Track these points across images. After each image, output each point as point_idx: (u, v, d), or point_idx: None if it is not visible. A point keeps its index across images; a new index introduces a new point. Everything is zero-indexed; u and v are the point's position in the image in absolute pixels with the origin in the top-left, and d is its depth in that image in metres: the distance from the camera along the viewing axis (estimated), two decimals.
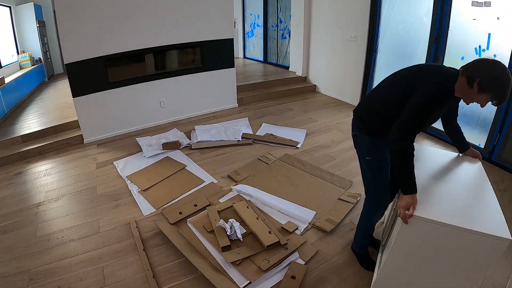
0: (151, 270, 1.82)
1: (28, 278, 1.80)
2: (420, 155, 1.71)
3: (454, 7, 3.05)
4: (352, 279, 1.76)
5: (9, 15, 5.64)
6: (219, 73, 4.26)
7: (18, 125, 3.78)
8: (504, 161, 2.85)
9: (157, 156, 3.16)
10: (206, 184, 2.68)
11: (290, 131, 3.70)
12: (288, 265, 1.81)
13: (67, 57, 3.22)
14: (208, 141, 3.42)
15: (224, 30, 4.07)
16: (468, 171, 1.62)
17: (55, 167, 3.10)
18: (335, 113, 4.27)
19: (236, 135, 3.55)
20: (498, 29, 2.73)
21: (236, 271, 1.77)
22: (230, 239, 1.95)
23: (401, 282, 1.43)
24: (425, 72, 1.42)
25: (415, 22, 3.53)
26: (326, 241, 2.03)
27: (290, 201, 2.40)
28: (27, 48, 5.96)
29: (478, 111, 3.04)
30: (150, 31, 3.55)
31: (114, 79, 3.57)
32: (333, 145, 2.96)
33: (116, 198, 2.54)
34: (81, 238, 2.11)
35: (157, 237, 2.09)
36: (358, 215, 2.24)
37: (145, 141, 3.46)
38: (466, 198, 1.40)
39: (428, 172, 1.56)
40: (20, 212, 2.41)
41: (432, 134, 3.52)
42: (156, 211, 2.35)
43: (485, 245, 1.17)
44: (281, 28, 6.06)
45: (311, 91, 5.25)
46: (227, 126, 3.83)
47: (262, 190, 2.53)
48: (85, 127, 3.56)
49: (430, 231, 1.23)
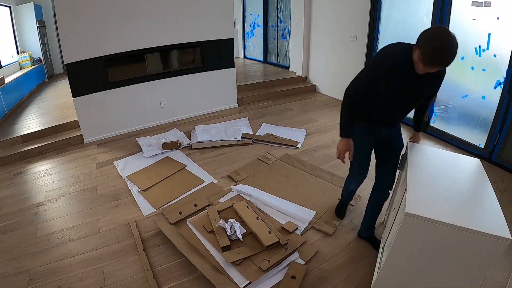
0: (151, 270, 1.82)
1: (28, 278, 1.80)
2: (420, 155, 1.71)
3: (454, 7, 3.05)
4: (352, 279, 1.76)
5: (9, 15, 5.64)
6: (219, 73, 4.26)
7: (18, 125, 3.78)
8: (504, 161, 2.85)
9: (157, 156, 3.16)
10: (206, 184, 2.68)
11: (290, 131, 3.70)
12: (288, 265, 1.81)
13: (67, 57, 3.22)
14: (208, 141, 3.42)
15: (224, 30, 4.07)
16: (468, 171, 1.62)
17: (55, 167, 3.10)
18: (335, 113, 4.27)
19: (236, 135, 3.55)
20: (498, 29, 2.73)
21: (236, 271, 1.77)
22: (230, 239, 1.95)
23: (401, 282, 1.43)
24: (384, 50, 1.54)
25: (415, 22, 3.53)
26: (326, 241, 2.03)
27: (290, 201, 2.40)
28: (27, 48, 5.96)
29: (478, 111, 3.04)
30: (150, 31, 3.56)
31: (114, 79, 3.57)
32: (333, 145, 2.96)
33: (116, 198, 2.54)
34: (81, 238, 2.11)
35: (157, 237, 2.09)
36: (358, 215, 2.25)
37: (145, 141, 3.46)
38: (466, 198, 1.40)
39: (428, 172, 1.56)
40: (20, 212, 2.41)
41: (432, 134, 3.52)
42: (156, 211, 2.36)
43: (485, 245, 1.17)
44: (281, 28, 6.06)
45: (311, 91, 5.25)
46: (227, 126, 3.83)
47: (262, 190, 2.53)
48: (85, 127, 3.56)
49: (430, 231, 1.23)
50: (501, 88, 2.78)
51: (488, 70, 2.88)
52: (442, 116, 3.42)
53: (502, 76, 2.76)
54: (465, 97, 3.13)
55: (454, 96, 3.24)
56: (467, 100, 3.12)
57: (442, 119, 3.43)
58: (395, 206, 1.67)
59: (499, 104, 2.81)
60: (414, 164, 1.58)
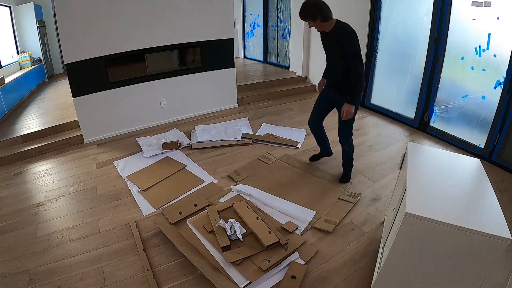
0: (151, 270, 1.82)
1: (28, 278, 1.80)
2: (420, 155, 1.71)
3: (454, 7, 3.05)
4: (352, 279, 1.76)
5: (9, 15, 5.64)
6: (219, 73, 4.25)
7: (18, 125, 3.78)
8: (504, 161, 2.85)
9: (157, 156, 3.16)
10: (206, 184, 2.68)
11: (290, 131, 3.70)
12: (288, 265, 1.81)
13: (67, 57, 3.22)
14: (208, 141, 3.42)
15: (224, 30, 4.07)
16: (468, 171, 1.62)
17: (55, 167, 3.10)
18: (335, 113, 4.25)
19: (236, 135, 3.55)
20: (498, 29, 2.73)
21: (236, 271, 1.77)
22: (230, 239, 1.95)
23: (401, 282, 1.43)
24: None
25: (415, 22, 3.53)
26: (326, 241, 2.03)
27: (290, 201, 2.40)
28: (27, 48, 5.96)
29: (478, 111, 3.04)
30: (150, 31, 3.55)
31: (114, 79, 3.57)
32: (333, 145, 2.95)
33: (116, 198, 2.54)
34: (81, 238, 2.11)
35: (157, 237, 2.09)
36: (358, 215, 2.25)
37: (145, 141, 3.46)
38: (466, 198, 1.40)
39: (428, 172, 1.56)
40: (20, 212, 2.41)
41: (432, 134, 3.52)
42: (156, 211, 2.35)
43: (485, 245, 1.17)
44: (281, 28, 6.06)
45: (311, 91, 5.25)
46: (227, 126, 3.83)
47: (262, 190, 2.53)
48: (85, 127, 3.56)
49: (430, 231, 1.23)
50: (501, 88, 2.78)
51: (488, 70, 2.88)
52: (442, 116, 3.42)
53: (502, 76, 2.76)
54: (465, 97, 3.13)
55: (454, 96, 3.25)
56: (467, 100, 3.12)
57: (442, 119, 3.43)
58: (395, 206, 1.67)
59: (499, 104, 2.81)
60: (414, 164, 1.59)
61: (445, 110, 3.38)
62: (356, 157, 3.05)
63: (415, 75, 3.64)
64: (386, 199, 2.42)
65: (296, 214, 2.23)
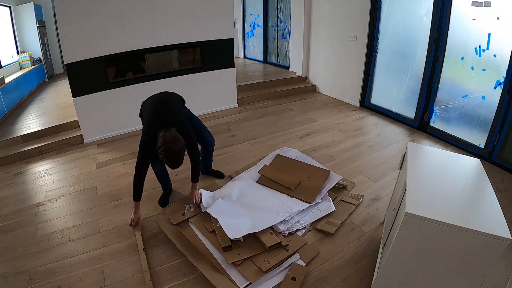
0: (149, 271, 1.82)
1: (28, 278, 1.80)
2: (420, 155, 1.71)
3: (454, 7, 3.05)
4: (352, 279, 1.76)
5: (9, 15, 5.64)
6: (219, 73, 4.25)
7: (18, 125, 3.78)
8: (504, 161, 2.85)
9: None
10: (206, 184, 2.68)
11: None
12: (289, 266, 1.81)
13: (67, 57, 3.22)
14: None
15: (224, 30, 4.07)
16: (468, 171, 1.62)
17: (55, 167, 3.10)
18: (335, 113, 4.27)
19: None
20: (498, 29, 2.73)
21: (237, 272, 1.77)
22: (231, 240, 1.94)
23: (401, 282, 1.43)
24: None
25: (415, 22, 3.53)
26: (327, 242, 2.03)
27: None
28: (27, 48, 5.96)
29: (478, 111, 3.04)
30: (150, 31, 3.55)
31: (114, 79, 3.57)
32: (333, 145, 2.96)
33: (116, 198, 2.54)
34: (81, 238, 2.11)
35: (157, 237, 2.09)
36: (358, 215, 2.25)
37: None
38: (466, 198, 1.40)
39: (428, 172, 1.56)
40: (20, 212, 2.41)
41: (432, 134, 3.52)
42: (157, 211, 2.35)
43: (485, 244, 1.17)
44: (281, 28, 6.06)
45: (311, 91, 5.26)
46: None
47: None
48: (85, 127, 3.56)
49: (430, 231, 1.23)
50: (501, 88, 2.78)
51: (488, 70, 2.88)
52: (442, 116, 3.42)
53: (502, 76, 2.76)
54: (465, 97, 3.13)
55: (454, 96, 3.25)
56: (467, 100, 3.12)
57: (442, 119, 3.43)
58: (395, 206, 1.67)
59: (499, 104, 2.81)
60: (414, 164, 1.58)
61: (445, 110, 3.38)
62: (356, 157, 3.06)
63: (415, 75, 3.64)
64: (386, 199, 2.41)
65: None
